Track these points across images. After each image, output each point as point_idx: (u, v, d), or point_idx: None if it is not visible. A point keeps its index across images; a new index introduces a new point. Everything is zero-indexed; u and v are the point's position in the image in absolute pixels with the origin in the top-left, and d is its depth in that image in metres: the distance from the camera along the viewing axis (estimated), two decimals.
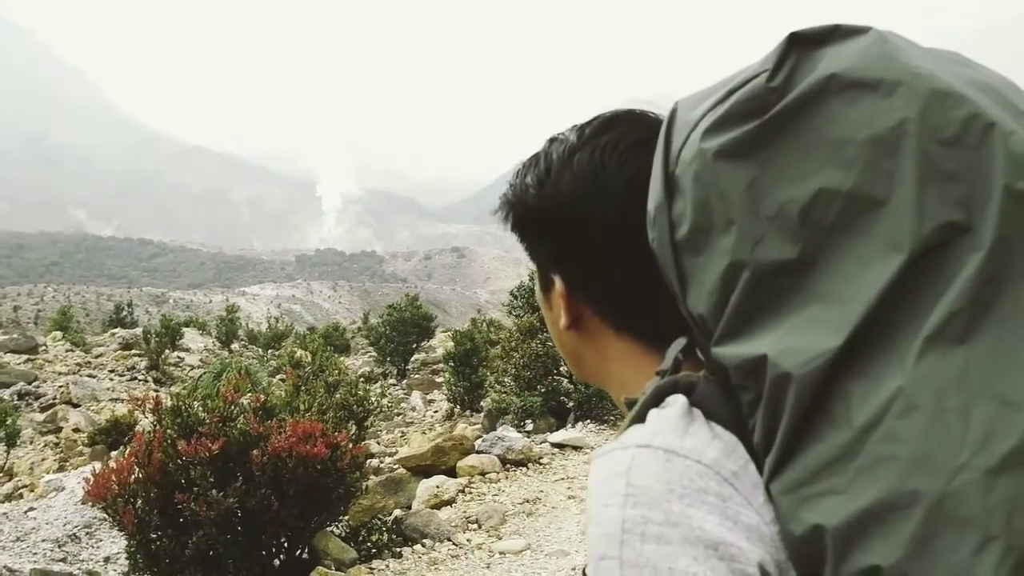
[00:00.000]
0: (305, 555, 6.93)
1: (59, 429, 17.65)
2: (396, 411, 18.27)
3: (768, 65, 0.88)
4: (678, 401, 0.91)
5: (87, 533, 8.99)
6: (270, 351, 32.02)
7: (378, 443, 14.12)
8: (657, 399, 0.93)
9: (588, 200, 1.08)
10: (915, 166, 0.78)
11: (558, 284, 1.12)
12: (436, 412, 18.80)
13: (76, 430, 17.29)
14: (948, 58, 0.89)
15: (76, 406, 19.78)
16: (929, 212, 0.77)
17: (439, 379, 22.62)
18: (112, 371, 24.73)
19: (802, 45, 0.87)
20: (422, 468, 10.20)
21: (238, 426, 6.32)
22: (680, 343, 1.00)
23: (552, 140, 1.15)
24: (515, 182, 1.17)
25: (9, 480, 12.73)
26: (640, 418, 0.92)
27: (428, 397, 20.85)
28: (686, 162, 0.92)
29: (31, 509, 9.77)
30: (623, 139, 1.08)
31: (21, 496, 11.31)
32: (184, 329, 30.36)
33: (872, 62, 0.83)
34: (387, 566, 7.34)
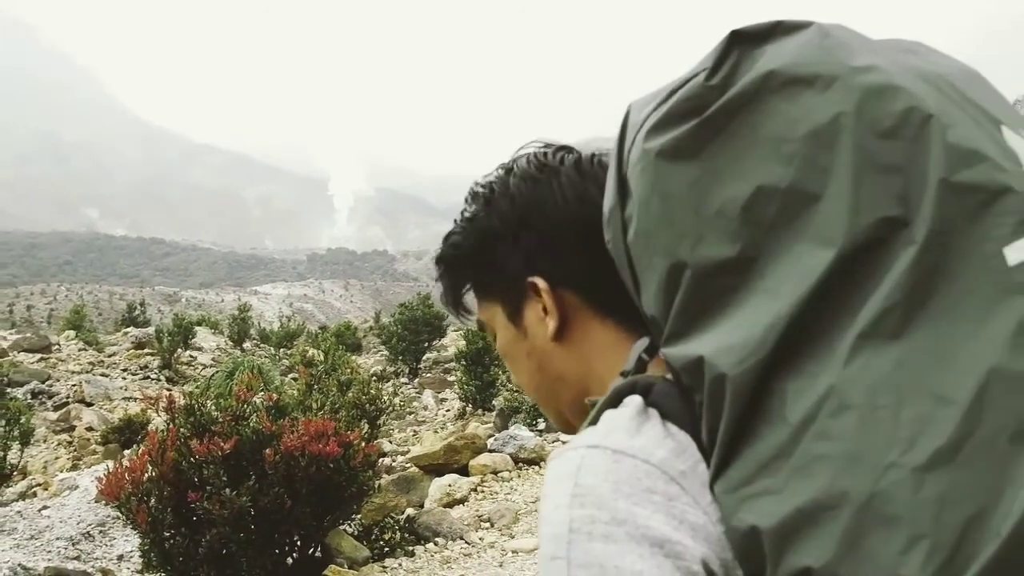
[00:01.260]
0: (318, 553, 6.94)
1: (72, 428, 17.69)
2: (408, 410, 18.27)
3: (708, 64, 0.88)
4: (633, 401, 0.91)
5: (101, 531, 9.01)
6: (282, 350, 32.08)
7: (390, 442, 14.13)
8: (615, 400, 0.94)
9: (565, 186, 1.12)
10: (850, 160, 0.78)
11: (541, 283, 1.11)
12: (448, 411, 18.79)
13: (89, 429, 17.34)
14: (897, 48, 0.89)
15: (89, 405, 19.84)
16: (864, 207, 0.76)
17: (451, 378, 22.61)
18: (125, 370, 24.80)
19: (743, 42, 0.87)
20: (434, 467, 10.21)
21: (251, 425, 6.33)
22: (644, 343, 1.01)
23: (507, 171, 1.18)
24: (469, 215, 1.19)
25: (23, 478, 12.75)
26: (595, 419, 0.93)
27: (440, 396, 20.84)
28: (633, 163, 0.93)
29: (45, 507, 9.80)
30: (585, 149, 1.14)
31: (35, 494, 11.34)
32: (196, 328, 30.39)
33: (810, 58, 0.83)
34: (400, 564, 7.35)
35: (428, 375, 24.59)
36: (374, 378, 18.16)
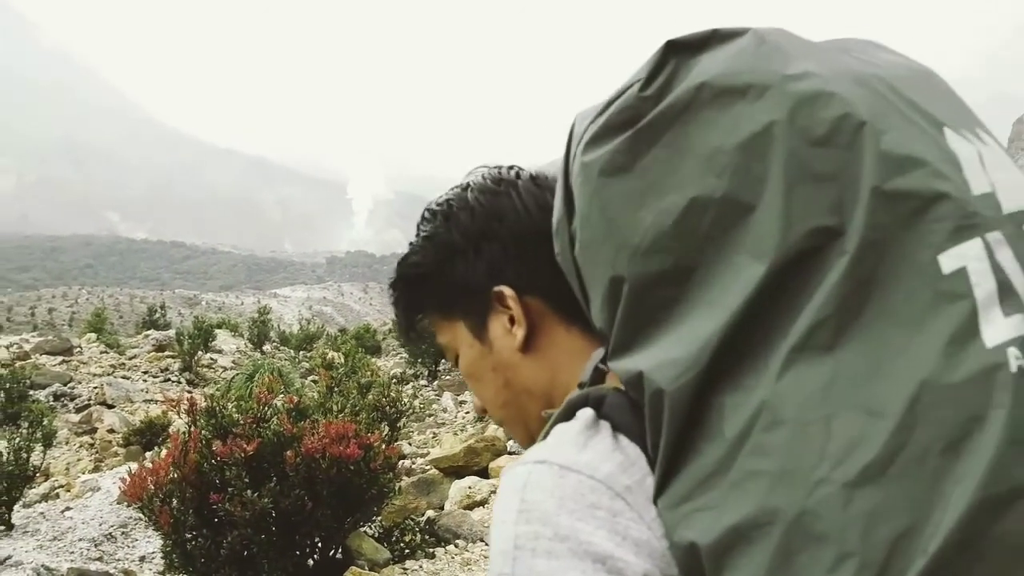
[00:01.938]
0: (339, 555, 6.95)
1: (94, 430, 17.77)
2: (428, 412, 18.29)
3: (642, 74, 0.88)
4: (584, 414, 0.91)
5: (123, 533, 9.06)
6: (301, 353, 32.12)
7: (410, 444, 14.14)
8: (569, 413, 0.93)
9: (524, 196, 1.15)
10: (783, 170, 0.77)
11: (507, 291, 1.12)
12: (467, 413, 18.77)
13: (111, 431, 17.42)
14: (839, 50, 0.88)
15: (110, 407, 19.92)
16: (796, 217, 0.75)
17: None
18: (146, 372, 24.88)
19: (679, 52, 0.86)
20: (454, 469, 10.21)
21: (272, 427, 6.34)
22: (600, 353, 1.01)
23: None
24: (426, 233, 1.21)
25: (46, 480, 12.82)
26: (547, 433, 0.94)
27: (459, 398, 20.83)
28: (575, 176, 0.93)
29: (68, 509, 9.87)
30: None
31: (58, 496, 11.40)
32: (216, 331, 30.46)
33: (743, 67, 0.82)
34: (420, 566, 7.35)
35: (447, 378, 24.59)
36: (394, 380, 18.17)
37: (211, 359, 27.48)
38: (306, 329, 38.33)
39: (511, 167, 1.20)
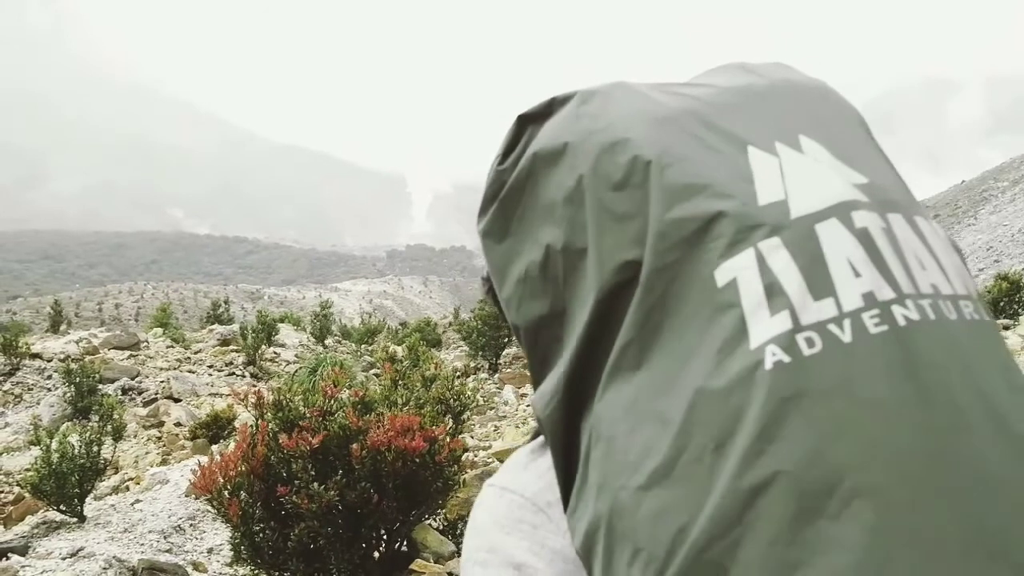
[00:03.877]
0: (404, 548, 6.97)
1: (161, 423, 18.06)
2: (489, 405, 18.31)
3: (500, 149, 1.01)
4: (538, 439, 1.03)
5: (191, 525, 9.19)
6: (363, 346, 32.35)
7: (472, 437, 14.16)
8: (533, 437, 1.06)
9: None
10: (593, 214, 0.86)
11: None
12: (529, 406, 18.78)
13: (177, 424, 17.69)
14: (665, 91, 0.96)
15: (177, 401, 20.24)
16: (606, 254, 0.84)
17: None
18: (211, 367, 25.23)
19: (529, 123, 0.99)
20: None
21: (338, 420, 6.37)
22: None
23: None
24: None
25: (116, 473, 13.05)
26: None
27: (520, 391, 20.84)
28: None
29: (137, 501, 10.03)
30: None
31: (127, 488, 11.60)
32: (279, 325, 30.76)
33: (563, 131, 0.93)
34: None
35: (508, 370, 24.61)
36: (458, 374, 18.22)
37: (274, 353, 27.79)
38: (367, 323, 38.55)
39: None
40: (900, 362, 0.69)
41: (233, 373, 24.83)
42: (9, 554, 7.88)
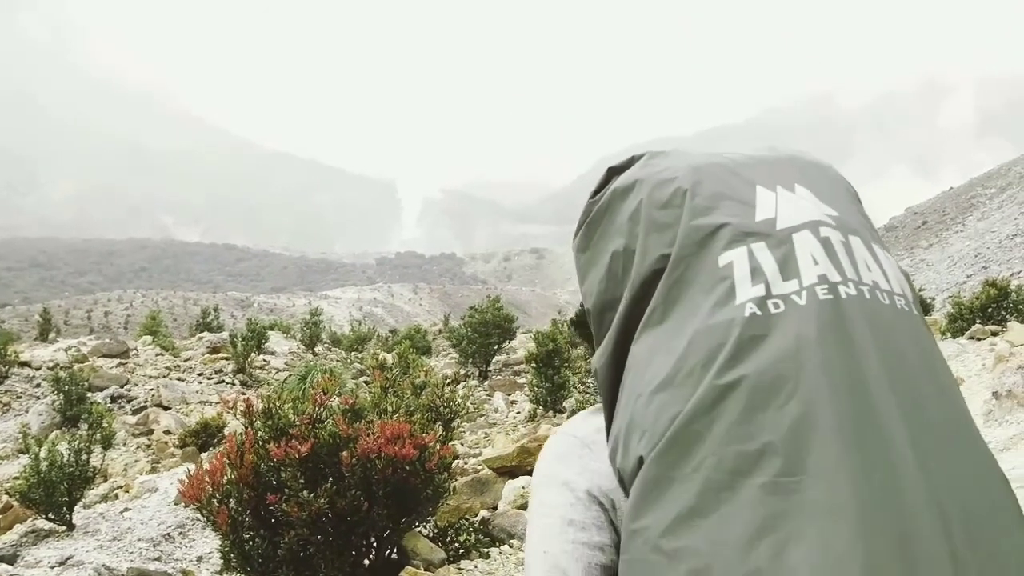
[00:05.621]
0: (395, 555, 6.97)
1: (151, 431, 18.01)
2: (479, 412, 18.29)
3: (594, 188, 1.38)
4: (596, 405, 1.41)
5: (180, 533, 9.16)
6: (353, 353, 32.29)
7: (462, 444, 14.15)
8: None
9: None
10: (644, 225, 1.24)
11: None
12: (519, 413, 18.77)
13: (167, 432, 17.64)
14: (705, 153, 1.33)
15: (166, 409, 20.18)
16: (649, 251, 1.21)
17: (520, 380, 22.59)
18: (200, 374, 25.16)
19: (614, 173, 1.37)
20: (507, 469, 10.18)
21: (328, 428, 6.36)
22: None
23: None
24: None
25: (104, 481, 13.01)
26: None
27: (510, 398, 20.84)
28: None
29: (126, 509, 10.00)
30: None
31: (116, 497, 11.55)
32: (269, 332, 30.65)
33: (634, 175, 1.32)
34: (475, 566, 7.35)
35: (498, 377, 24.60)
36: (448, 381, 18.22)
37: (264, 360, 27.70)
38: (357, 330, 38.48)
39: None
40: (834, 316, 1.05)
41: (223, 381, 24.77)
42: None
